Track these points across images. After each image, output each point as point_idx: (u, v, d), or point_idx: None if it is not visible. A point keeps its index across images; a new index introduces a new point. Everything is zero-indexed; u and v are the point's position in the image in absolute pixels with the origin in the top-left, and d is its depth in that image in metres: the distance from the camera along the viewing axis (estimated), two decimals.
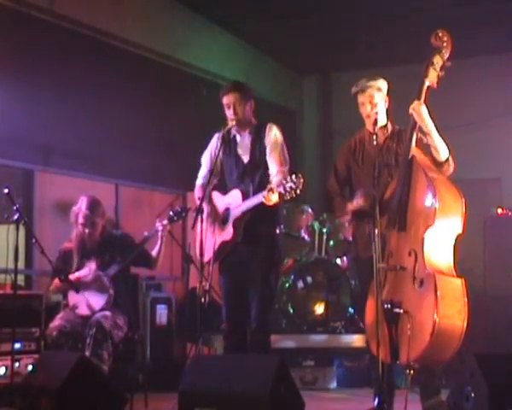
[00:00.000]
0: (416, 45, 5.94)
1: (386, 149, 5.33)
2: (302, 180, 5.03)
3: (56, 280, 6.29)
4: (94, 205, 6.32)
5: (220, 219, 5.62)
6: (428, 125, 5.05)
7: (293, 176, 5.06)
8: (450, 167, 5.11)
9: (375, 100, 5.31)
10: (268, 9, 9.74)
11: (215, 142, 5.73)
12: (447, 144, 5.13)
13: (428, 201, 4.80)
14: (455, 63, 5.04)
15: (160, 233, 6.36)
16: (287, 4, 9.57)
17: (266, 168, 5.54)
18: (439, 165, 5.08)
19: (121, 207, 9.00)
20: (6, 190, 5.96)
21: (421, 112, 5.00)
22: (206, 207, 5.52)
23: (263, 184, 5.39)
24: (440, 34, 5.07)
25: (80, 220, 6.29)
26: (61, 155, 8.22)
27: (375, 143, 5.06)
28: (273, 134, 5.59)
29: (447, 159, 5.10)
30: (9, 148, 7.73)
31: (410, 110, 5.02)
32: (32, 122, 7.87)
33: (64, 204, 7.69)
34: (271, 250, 5.57)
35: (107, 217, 6.57)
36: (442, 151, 5.09)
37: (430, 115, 5.07)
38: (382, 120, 5.33)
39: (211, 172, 5.58)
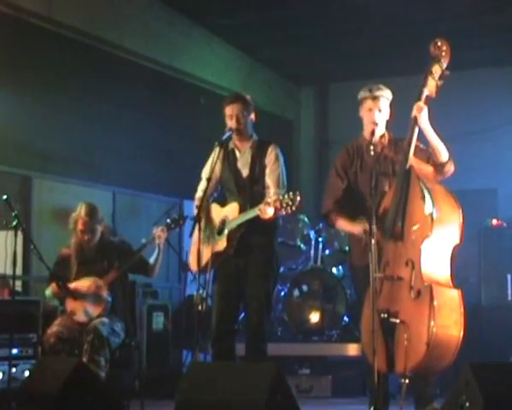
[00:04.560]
0: (415, 57, 5.96)
1: (383, 157, 5.30)
2: (299, 198, 5.06)
3: (53, 284, 6.30)
4: (93, 212, 6.33)
5: (216, 229, 5.64)
6: (428, 126, 5.07)
7: (291, 193, 5.09)
8: (452, 166, 5.13)
9: (384, 109, 5.28)
10: (266, 20, 9.78)
11: (214, 154, 5.71)
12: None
13: (426, 211, 4.82)
14: (453, 75, 5.07)
15: (157, 241, 6.38)
16: (285, 15, 9.60)
17: (264, 185, 5.57)
18: (441, 166, 5.10)
19: (118, 215, 9.01)
20: (4, 197, 5.98)
21: (425, 111, 5.01)
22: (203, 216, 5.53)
23: (261, 199, 5.40)
24: (439, 43, 5.08)
25: (79, 227, 6.30)
26: (59, 161, 8.25)
27: (372, 153, 5.07)
28: (275, 155, 5.60)
29: (448, 158, 5.12)
30: (8, 154, 7.76)
31: (414, 111, 5.02)
32: (31, 129, 7.90)
33: (62, 211, 7.71)
34: (269, 260, 5.58)
35: (105, 224, 6.59)
36: (443, 152, 5.11)
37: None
38: (381, 130, 5.31)
39: (208, 180, 5.59)
